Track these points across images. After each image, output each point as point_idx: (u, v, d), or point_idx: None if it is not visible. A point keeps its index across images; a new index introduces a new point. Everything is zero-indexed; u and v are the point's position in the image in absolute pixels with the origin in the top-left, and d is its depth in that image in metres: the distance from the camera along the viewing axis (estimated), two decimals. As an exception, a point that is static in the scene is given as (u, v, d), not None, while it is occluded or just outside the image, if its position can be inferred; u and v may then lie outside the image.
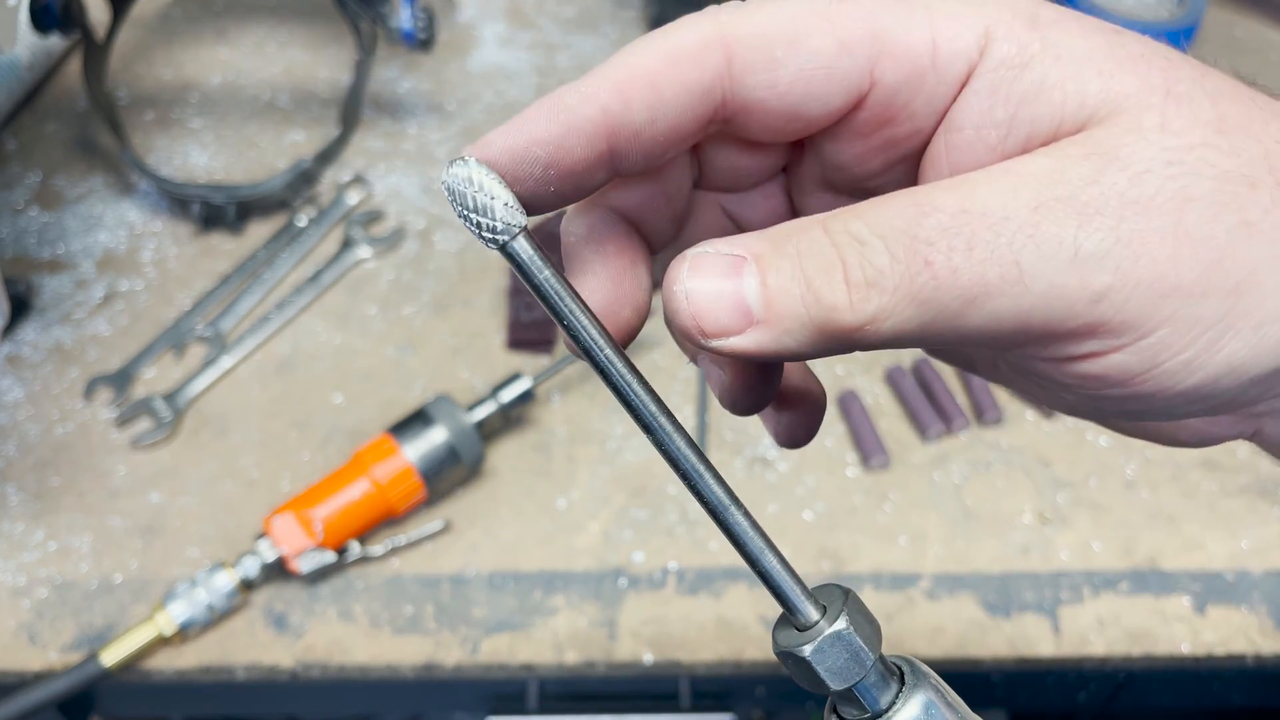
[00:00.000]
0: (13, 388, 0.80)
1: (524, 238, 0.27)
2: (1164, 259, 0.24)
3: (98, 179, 0.95)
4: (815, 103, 0.27)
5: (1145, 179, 0.24)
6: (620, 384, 0.28)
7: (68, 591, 0.70)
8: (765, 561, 0.30)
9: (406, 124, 1.01)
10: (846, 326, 0.25)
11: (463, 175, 0.26)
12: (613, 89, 0.27)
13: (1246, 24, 1.17)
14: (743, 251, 0.26)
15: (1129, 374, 0.25)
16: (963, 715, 0.31)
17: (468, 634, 0.69)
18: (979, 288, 0.24)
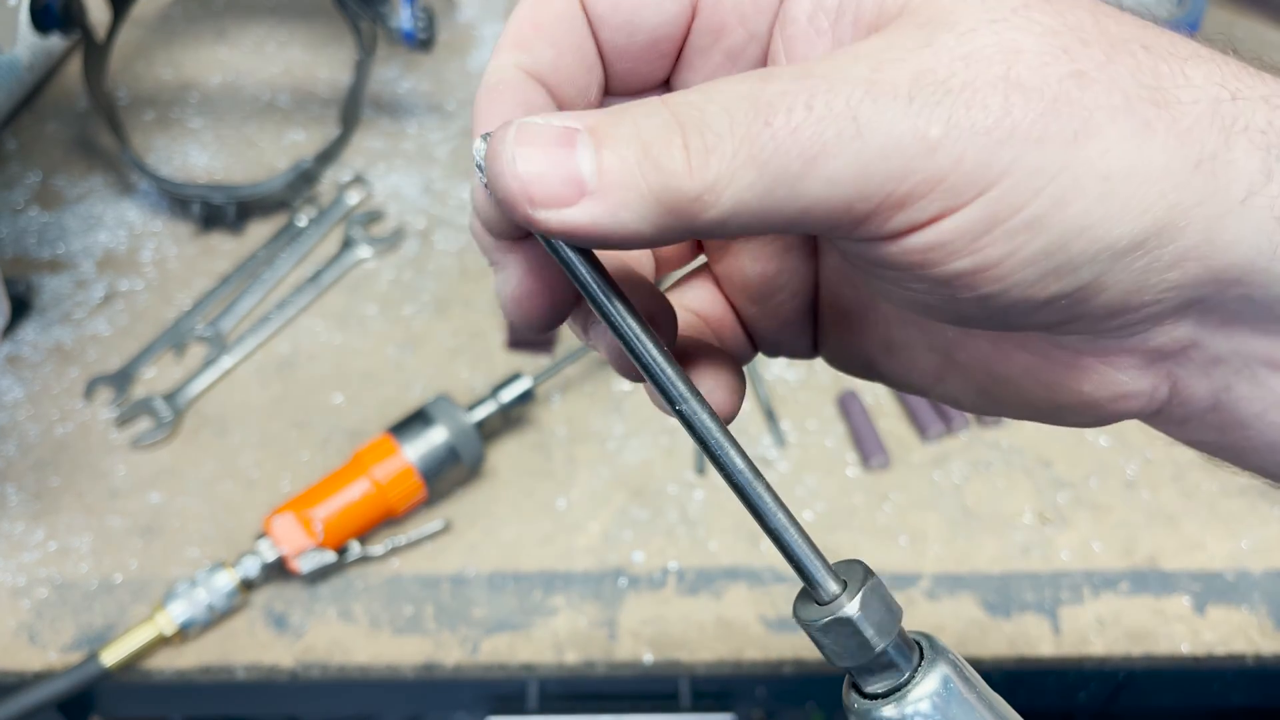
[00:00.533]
0: (13, 387, 0.80)
1: None
2: (996, 106, 0.24)
3: (98, 179, 0.95)
4: (649, 10, 0.29)
5: (972, 36, 0.24)
6: (640, 351, 0.28)
7: (68, 591, 0.70)
8: (788, 536, 0.29)
9: (406, 124, 1.01)
10: (686, 194, 0.24)
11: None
12: (512, 46, 0.29)
13: (1246, 23, 1.17)
14: (576, 124, 0.25)
15: (973, 236, 0.24)
16: (980, 690, 0.31)
17: (468, 634, 0.69)
18: (817, 146, 0.24)
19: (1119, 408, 0.30)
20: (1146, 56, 0.25)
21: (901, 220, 0.25)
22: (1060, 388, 0.30)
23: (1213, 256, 0.25)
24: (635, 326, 0.28)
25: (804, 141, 0.24)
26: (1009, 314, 0.26)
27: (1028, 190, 0.24)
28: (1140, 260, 0.25)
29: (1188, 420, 0.31)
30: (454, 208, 0.94)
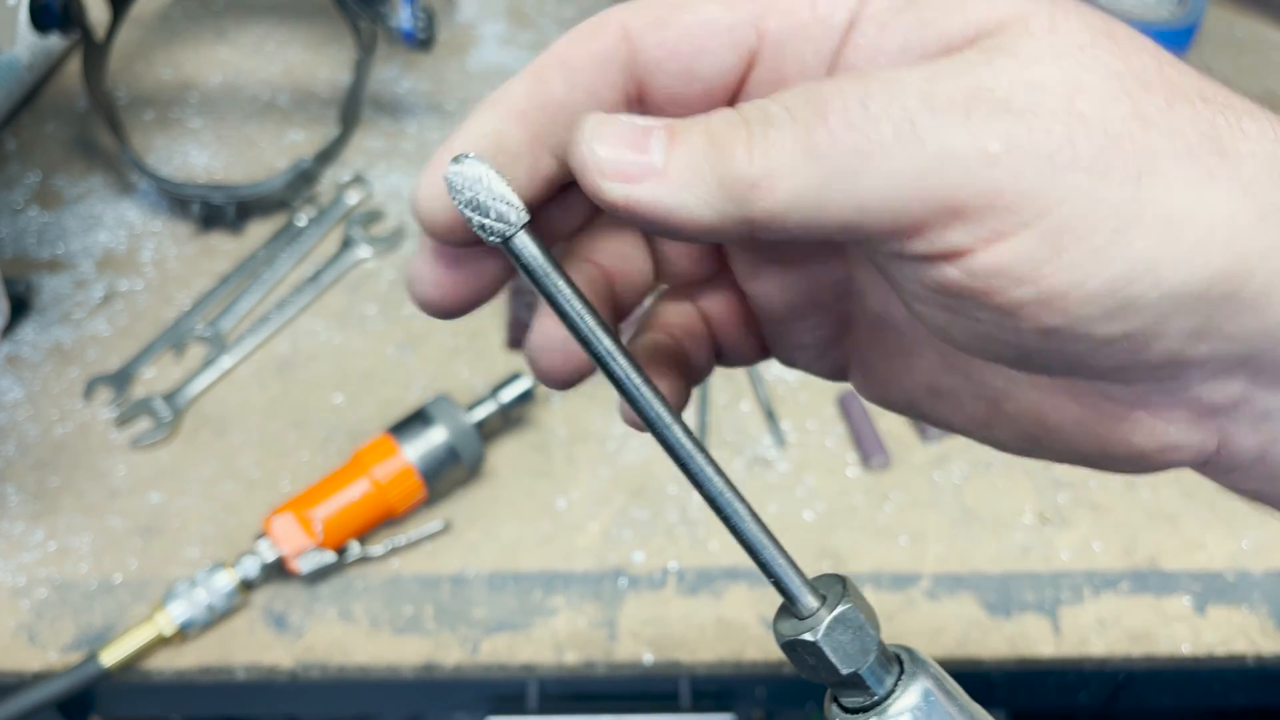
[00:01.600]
0: (12, 388, 0.80)
1: (526, 234, 0.27)
2: (1059, 133, 0.24)
3: (97, 179, 0.95)
4: (708, 58, 0.29)
5: (1035, 66, 0.24)
6: (620, 376, 0.28)
7: (67, 591, 0.70)
8: (765, 552, 0.30)
9: (406, 124, 1.01)
10: (745, 179, 0.25)
11: (465, 172, 0.27)
12: (529, 74, 0.29)
13: (1246, 24, 1.17)
14: (654, 123, 0.26)
15: (1036, 263, 0.24)
16: (961, 703, 0.31)
17: (467, 634, 0.69)
18: (874, 144, 0.24)
19: (1167, 458, 0.30)
20: (1205, 107, 0.25)
21: (961, 235, 0.24)
22: (1109, 439, 0.30)
23: (1270, 311, 0.25)
24: (604, 337, 0.28)
25: (860, 138, 0.24)
26: (1069, 353, 0.26)
27: (1091, 221, 0.24)
28: (1202, 309, 0.25)
29: (1234, 470, 0.30)
30: (454, 207, 0.94)
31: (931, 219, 0.24)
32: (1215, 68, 1.11)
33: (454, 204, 0.27)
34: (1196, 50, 1.13)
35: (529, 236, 0.27)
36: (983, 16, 0.26)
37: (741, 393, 0.81)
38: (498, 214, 0.27)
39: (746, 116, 0.26)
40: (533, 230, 0.27)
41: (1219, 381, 0.27)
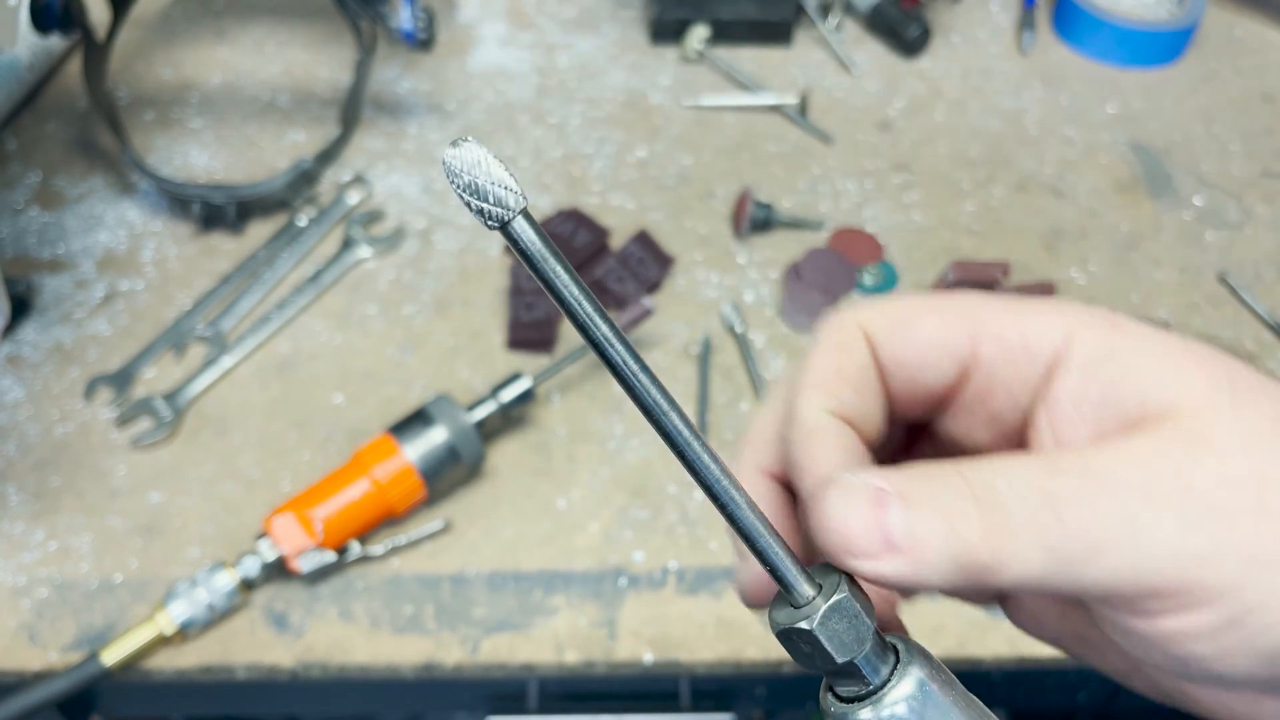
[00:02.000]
0: (13, 387, 0.80)
1: (524, 219, 0.27)
2: (1250, 530, 0.28)
3: (98, 179, 0.95)
4: (929, 370, 0.34)
5: (1230, 460, 0.29)
6: (619, 364, 0.28)
7: (68, 591, 0.70)
8: (761, 540, 0.30)
9: (407, 124, 1.01)
10: (979, 562, 0.29)
11: (463, 156, 0.26)
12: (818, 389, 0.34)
13: (1246, 24, 1.17)
14: (888, 486, 0.29)
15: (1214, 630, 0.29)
16: (957, 693, 0.31)
17: (468, 634, 0.69)
18: (1101, 543, 0.28)
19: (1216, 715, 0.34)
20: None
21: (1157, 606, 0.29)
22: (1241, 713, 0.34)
23: None
24: (601, 323, 0.28)
25: (1090, 538, 0.28)
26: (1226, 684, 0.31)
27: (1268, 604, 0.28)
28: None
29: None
30: (454, 208, 0.94)
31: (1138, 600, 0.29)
32: (1215, 69, 1.11)
33: (452, 187, 0.27)
34: (1196, 50, 1.13)
35: (526, 221, 0.27)
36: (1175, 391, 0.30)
37: (741, 393, 0.81)
38: (496, 198, 0.26)
39: (979, 497, 0.29)
40: (530, 216, 0.27)
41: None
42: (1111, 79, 1.09)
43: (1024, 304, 0.33)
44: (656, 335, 0.84)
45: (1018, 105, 1.06)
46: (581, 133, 1.01)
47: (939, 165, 0.99)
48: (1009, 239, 0.93)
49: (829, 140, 1.01)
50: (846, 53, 1.10)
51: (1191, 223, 0.95)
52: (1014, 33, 1.15)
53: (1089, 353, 0.31)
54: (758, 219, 0.91)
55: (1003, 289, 0.88)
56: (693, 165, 0.98)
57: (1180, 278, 0.90)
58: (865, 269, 0.89)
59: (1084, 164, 1.00)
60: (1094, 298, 0.88)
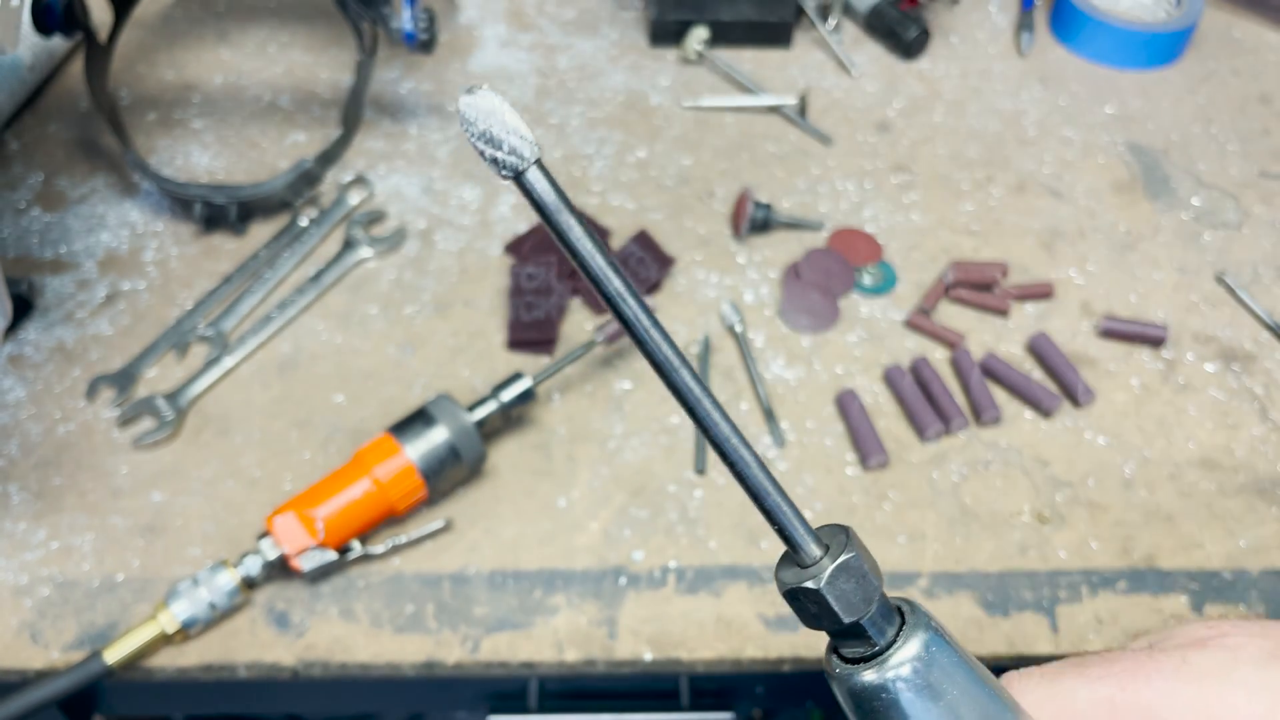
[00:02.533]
0: (15, 387, 0.81)
1: (538, 169, 0.27)
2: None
3: (100, 179, 0.96)
4: None
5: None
6: (630, 318, 0.28)
7: (70, 590, 0.70)
8: (770, 499, 0.30)
9: (407, 125, 1.01)
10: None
11: (479, 104, 0.26)
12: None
13: (1244, 25, 1.18)
14: None
15: None
16: (962, 657, 0.31)
17: (468, 632, 0.69)
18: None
19: None
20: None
21: None
22: None
23: None
24: (614, 277, 0.28)
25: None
26: None
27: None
28: None
29: None
30: (454, 208, 0.94)
31: None
32: (1212, 70, 1.12)
33: (466, 135, 0.27)
34: (1194, 51, 1.13)
35: (541, 172, 0.27)
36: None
37: (741, 392, 0.81)
38: (511, 148, 0.26)
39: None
40: (544, 167, 0.27)
41: None
42: (1109, 80, 1.10)
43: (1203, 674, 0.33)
44: (656, 335, 0.84)
45: (1016, 106, 1.06)
46: (582, 133, 1.01)
47: (938, 166, 1.00)
48: (1007, 239, 0.93)
49: (828, 141, 1.01)
50: (845, 54, 1.10)
51: (1189, 223, 0.95)
52: (1012, 34, 1.16)
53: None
54: (757, 219, 0.91)
55: (1001, 288, 0.88)
56: (692, 166, 0.99)
57: (1178, 278, 0.91)
58: (864, 269, 0.89)
59: (1082, 164, 1.00)
60: (1092, 298, 0.88)
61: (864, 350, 0.84)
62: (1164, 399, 0.82)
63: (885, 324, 0.86)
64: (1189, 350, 0.85)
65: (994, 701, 0.31)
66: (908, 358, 0.83)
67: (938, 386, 0.80)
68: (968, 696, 0.30)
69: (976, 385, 0.80)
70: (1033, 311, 0.88)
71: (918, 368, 0.82)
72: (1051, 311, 0.88)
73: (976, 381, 0.81)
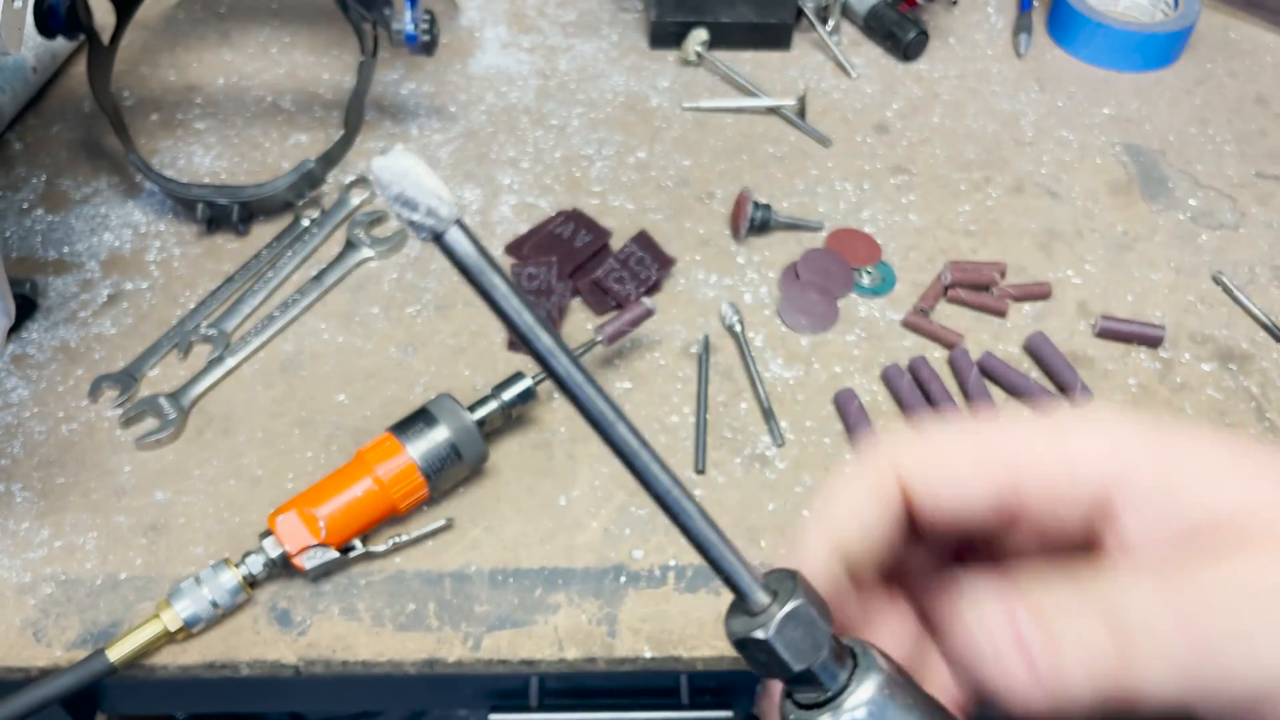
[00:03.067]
0: (18, 387, 0.81)
1: (459, 229, 0.26)
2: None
3: (103, 180, 0.96)
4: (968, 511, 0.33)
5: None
6: (562, 375, 0.28)
7: (73, 589, 0.71)
8: (714, 550, 0.29)
9: (409, 126, 1.01)
10: (1121, 688, 0.28)
11: (393, 165, 0.25)
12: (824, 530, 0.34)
13: (1241, 27, 1.18)
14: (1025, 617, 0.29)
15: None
16: (917, 696, 0.31)
17: (469, 630, 0.69)
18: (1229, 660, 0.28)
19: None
20: None
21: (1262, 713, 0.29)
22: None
23: None
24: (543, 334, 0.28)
25: (1219, 658, 0.28)
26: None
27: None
28: None
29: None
30: (455, 209, 0.94)
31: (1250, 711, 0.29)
32: (1209, 71, 1.12)
33: (382, 198, 0.26)
34: (1191, 53, 1.14)
35: (461, 232, 0.26)
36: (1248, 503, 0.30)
37: (740, 391, 0.82)
38: (428, 209, 0.25)
39: (1117, 625, 0.29)
40: (465, 226, 0.26)
41: None
42: (1107, 81, 1.10)
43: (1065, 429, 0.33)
44: (656, 335, 0.85)
45: (1014, 107, 1.07)
46: (582, 135, 1.02)
47: (936, 167, 1.00)
48: (1005, 239, 0.93)
49: (827, 142, 1.02)
50: (844, 56, 1.11)
51: (1186, 223, 0.96)
52: (1010, 36, 1.16)
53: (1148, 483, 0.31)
54: (756, 220, 0.92)
55: (999, 289, 0.88)
56: (692, 167, 0.99)
57: (1175, 278, 0.91)
58: (863, 269, 0.90)
59: (1079, 165, 1.01)
60: (1089, 298, 0.89)
61: (862, 350, 0.85)
62: (1161, 399, 0.82)
63: (883, 324, 0.87)
64: (1186, 350, 0.86)
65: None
66: (906, 357, 0.84)
67: (936, 386, 0.81)
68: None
69: (974, 385, 0.81)
70: (1030, 311, 0.88)
71: (916, 367, 0.82)
72: (1049, 311, 0.88)
73: (974, 381, 0.81)
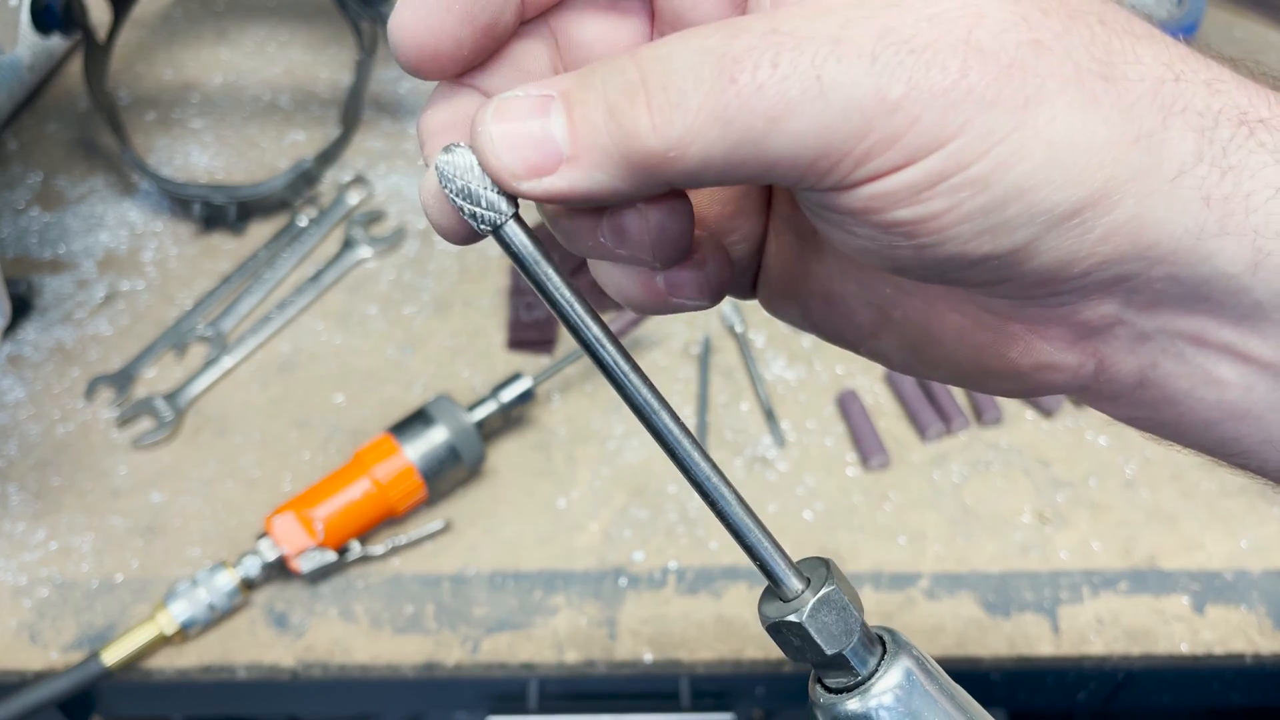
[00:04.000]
0: (14, 387, 0.80)
1: (515, 222, 0.28)
2: (955, 68, 0.24)
3: (99, 179, 0.96)
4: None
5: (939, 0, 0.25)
6: (610, 365, 0.29)
7: (69, 591, 0.70)
8: (751, 536, 0.30)
9: (407, 124, 1.01)
10: (652, 152, 0.25)
11: (455, 161, 0.27)
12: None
13: (1245, 24, 1.17)
14: (550, 90, 0.26)
15: (917, 189, 0.25)
16: (942, 683, 0.31)
17: (468, 633, 0.69)
18: (782, 104, 0.24)
19: (1044, 379, 0.31)
20: (1102, 30, 0.26)
21: (858, 174, 0.25)
22: (987, 351, 0.31)
23: (1141, 233, 0.26)
24: (592, 324, 0.28)
25: (768, 100, 0.24)
26: (943, 267, 0.27)
27: (976, 150, 0.25)
28: (1073, 229, 0.26)
29: (1117, 397, 0.31)
30: (454, 208, 0.94)
31: (832, 166, 0.25)
32: (1214, 68, 1.11)
33: (444, 192, 0.27)
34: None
35: (518, 225, 0.28)
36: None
37: (741, 392, 0.81)
38: (489, 202, 0.27)
39: (645, 77, 0.25)
40: (522, 220, 0.28)
41: (1094, 301, 0.28)
42: (1111, 79, 1.09)
43: None
44: (657, 335, 0.84)
45: (1017, 105, 1.06)
46: (581, 133, 1.01)
47: (939, 165, 0.99)
48: (1008, 239, 0.93)
49: (829, 140, 1.01)
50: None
51: (1191, 223, 0.95)
52: (1013, 33, 1.15)
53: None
54: (757, 219, 0.91)
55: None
56: (693, 165, 0.99)
57: (1179, 278, 0.90)
58: (865, 269, 0.89)
59: (1083, 164, 1.00)
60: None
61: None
62: (1165, 399, 0.82)
63: (886, 324, 0.86)
64: (1190, 350, 0.85)
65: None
66: (908, 358, 0.83)
67: (939, 386, 0.80)
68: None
69: (977, 385, 0.80)
70: (1034, 311, 0.87)
71: (918, 368, 0.82)
72: (1052, 311, 0.87)
73: (977, 381, 0.80)
